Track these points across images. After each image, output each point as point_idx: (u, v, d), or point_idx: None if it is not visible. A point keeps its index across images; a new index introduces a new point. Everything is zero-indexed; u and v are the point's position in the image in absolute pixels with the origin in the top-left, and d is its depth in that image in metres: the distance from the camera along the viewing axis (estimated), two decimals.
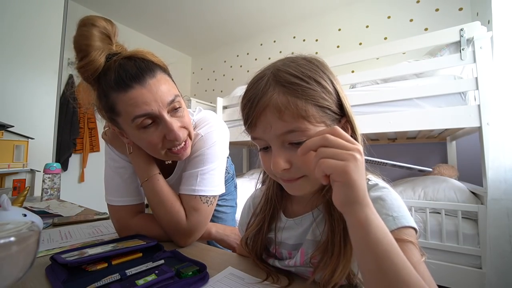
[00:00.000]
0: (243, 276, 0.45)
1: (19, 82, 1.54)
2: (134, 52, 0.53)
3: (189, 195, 0.60)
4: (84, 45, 0.49)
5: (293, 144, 0.34)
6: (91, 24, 0.50)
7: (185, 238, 0.59)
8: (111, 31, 0.53)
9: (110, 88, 0.50)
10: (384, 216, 0.33)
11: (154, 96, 0.50)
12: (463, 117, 1.16)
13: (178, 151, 0.57)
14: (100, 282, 0.39)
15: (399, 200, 0.36)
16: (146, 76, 0.50)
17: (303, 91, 0.34)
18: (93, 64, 0.49)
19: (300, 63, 0.36)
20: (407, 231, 0.33)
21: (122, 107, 0.51)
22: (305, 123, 0.33)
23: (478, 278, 1.10)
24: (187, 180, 0.61)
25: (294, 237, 0.43)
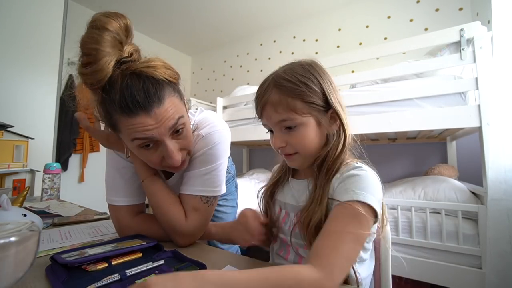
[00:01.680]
0: None
1: (19, 82, 1.54)
2: (144, 68, 0.48)
3: (189, 195, 0.60)
4: (92, 49, 0.45)
5: (288, 128, 0.48)
6: (104, 27, 0.46)
7: (185, 238, 0.59)
8: (123, 33, 0.49)
9: (113, 109, 0.48)
10: (350, 189, 0.41)
11: (158, 124, 0.49)
12: (463, 117, 1.16)
13: (175, 168, 0.58)
14: (100, 282, 0.39)
15: (373, 184, 0.42)
16: (153, 104, 0.47)
17: (292, 91, 0.46)
18: (99, 73, 0.45)
19: (296, 70, 0.48)
20: (363, 207, 0.39)
21: (123, 127, 0.49)
22: (293, 114, 0.46)
23: (478, 278, 1.10)
24: (188, 180, 0.61)
25: (293, 197, 0.54)
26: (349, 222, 0.38)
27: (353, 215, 0.38)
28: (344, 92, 1.62)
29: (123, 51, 0.49)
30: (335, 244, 0.36)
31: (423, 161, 2.07)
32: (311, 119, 0.47)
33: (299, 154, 0.49)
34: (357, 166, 0.45)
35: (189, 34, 3.19)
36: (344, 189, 0.42)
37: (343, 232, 0.37)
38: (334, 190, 0.44)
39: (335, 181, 0.45)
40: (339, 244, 0.36)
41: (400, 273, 1.26)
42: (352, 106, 1.44)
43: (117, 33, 0.48)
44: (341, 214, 0.40)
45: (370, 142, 2.25)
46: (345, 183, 0.43)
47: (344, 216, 0.39)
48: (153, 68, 0.49)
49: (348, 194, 0.40)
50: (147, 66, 0.49)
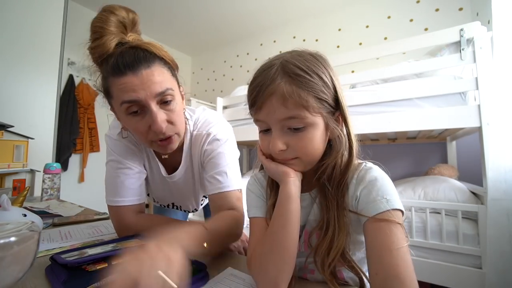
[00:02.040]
0: (243, 277, 0.45)
1: (19, 82, 1.54)
2: (141, 43, 0.54)
3: (229, 192, 0.62)
4: (98, 27, 0.52)
5: (291, 129, 0.39)
6: (111, 11, 0.53)
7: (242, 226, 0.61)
8: (129, 21, 0.55)
9: (107, 72, 0.52)
10: (379, 198, 0.37)
11: (143, 85, 0.51)
12: (463, 117, 1.16)
13: (162, 143, 0.57)
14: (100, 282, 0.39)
15: (392, 185, 0.40)
16: (141, 66, 0.51)
17: (306, 83, 0.38)
18: (102, 47, 0.52)
19: (306, 58, 0.40)
20: (397, 213, 0.36)
21: (114, 90, 0.52)
22: (304, 111, 0.38)
23: (478, 278, 1.10)
24: (218, 180, 0.62)
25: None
26: (399, 233, 0.35)
27: (397, 226, 0.35)
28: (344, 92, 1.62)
29: (127, 35, 0.55)
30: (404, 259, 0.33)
31: (423, 161, 2.07)
32: (320, 119, 0.40)
33: (299, 160, 0.41)
34: (371, 167, 0.41)
35: (189, 34, 3.19)
36: (372, 197, 0.38)
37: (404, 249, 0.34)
38: (357, 198, 0.40)
39: (352, 187, 0.41)
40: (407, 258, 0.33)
41: None
42: (352, 106, 1.44)
43: (122, 17, 0.54)
44: (387, 227, 0.35)
45: (370, 142, 2.25)
46: (370, 190, 0.38)
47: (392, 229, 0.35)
48: (150, 45, 0.55)
49: (380, 203, 0.36)
50: (144, 42, 0.55)
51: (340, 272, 0.43)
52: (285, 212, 0.39)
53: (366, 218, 0.37)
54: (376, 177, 0.39)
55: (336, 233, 0.39)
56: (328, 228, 0.40)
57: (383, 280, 0.32)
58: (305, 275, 0.46)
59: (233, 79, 3.37)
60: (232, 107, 2.05)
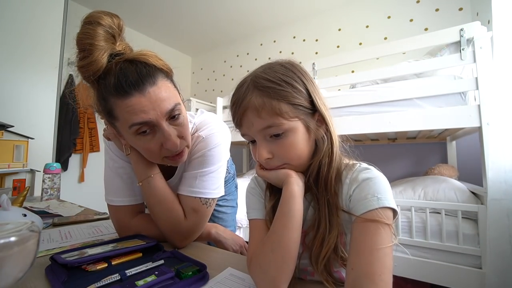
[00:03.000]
0: (243, 277, 0.45)
1: (19, 82, 1.54)
2: (137, 55, 0.51)
3: (188, 196, 0.60)
4: (87, 44, 0.47)
5: (273, 137, 0.41)
6: (97, 22, 0.48)
7: (183, 238, 0.59)
8: (117, 29, 0.51)
9: (109, 93, 0.49)
10: (370, 196, 0.37)
11: (153, 105, 0.49)
12: (463, 117, 1.16)
13: (174, 158, 0.57)
14: (100, 282, 0.39)
15: (386, 184, 0.40)
16: (146, 84, 0.49)
17: (276, 92, 0.40)
18: (94, 64, 0.48)
19: (276, 69, 0.42)
20: (386, 212, 0.37)
21: (120, 113, 0.49)
22: (279, 118, 0.40)
23: (478, 278, 1.10)
24: (187, 181, 0.61)
25: None
26: (384, 233, 0.35)
27: (384, 225, 0.35)
28: (344, 92, 1.62)
29: (116, 45, 0.51)
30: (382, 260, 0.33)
31: (423, 161, 2.07)
32: (299, 123, 0.41)
33: (288, 165, 0.43)
34: (366, 168, 0.42)
35: (189, 34, 3.19)
36: (363, 195, 0.38)
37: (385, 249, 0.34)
38: (350, 197, 0.40)
39: (346, 187, 0.41)
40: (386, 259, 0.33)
41: (400, 273, 1.26)
42: (352, 106, 1.44)
43: (110, 27, 0.50)
44: (374, 226, 0.36)
45: (370, 142, 2.25)
46: (362, 188, 0.39)
47: (378, 229, 0.35)
48: (146, 56, 0.52)
49: (371, 201, 0.37)
50: (139, 54, 0.52)
51: (339, 272, 0.43)
52: (288, 211, 0.40)
53: (356, 216, 0.38)
54: (369, 177, 0.40)
55: (327, 230, 0.40)
56: (320, 226, 0.41)
57: (356, 276, 0.33)
58: (304, 276, 0.46)
59: (233, 79, 3.36)
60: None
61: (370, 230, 0.35)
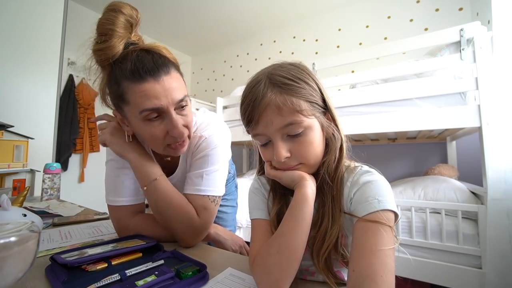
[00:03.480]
0: (243, 277, 0.45)
1: (19, 82, 1.54)
2: (152, 46, 0.55)
3: (197, 195, 0.60)
4: (108, 29, 0.51)
5: (291, 136, 0.41)
6: (119, 10, 0.52)
7: (196, 236, 0.60)
8: (135, 20, 0.55)
9: (124, 77, 0.51)
10: (371, 198, 0.38)
11: (165, 92, 0.51)
12: (463, 117, 1.16)
13: (176, 147, 0.58)
14: (100, 282, 0.39)
15: (387, 187, 0.40)
16: (161, 72, 0.51)
17: (296, 90, 0.40)
18: (111, 49, 0.51)
19: (288, 68, 0.43)
20: (387, 214, 0.37)
21: (132, 97, 0.51)
22: (300, 116, 0.40)
23: (478, 278, 1.10)
24: (193, 180, 0.62)
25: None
26: (385, 235, 0.35)
27: (386, 227, 0.36)
28: (344, 92, 1.62)
29: (132, 35, 0.55)
30: (384, 262, 0.33)
31: (423, 161, 2.07)
32: (315, 121, 0.42)
33: (303, 165, 0.43)
34: (367, 171, 0.42)
35: (189, 34, 3.19)
36: (364, 198, 0.38)
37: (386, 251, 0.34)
38: (351, 200, 0.40)
39: (347, 190, 0.42)
40: (388, 261, 0.34)
41: (400, 273, 1.25)
42: (352, 106, 1.44)
43: (130, 16, 0.54)
44: (375, 228, 0.36)
45: (370, 142, 2.25)
46: (363, 191, 0.39)
47: (379, 230, 0.35)
48: (161, 48, 0.56)
49: (372, 203, 0.37)
50: (154, 45, 0.56)
51: (339, 272, 0.43)
52: (298, 214, 0.40)
53: (357, 218, 0.38)
54: (370, 180, 0.40)
55: (329, 225, 0.41)
56: (323, 221, 0.42)
57: (358, 277, 0.33)
58: (305, 276, 0.46)
59: (233, 79, 3.37)
60: (232, 107, 2.05)
61: (371, 231, 0.36)
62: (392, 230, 0.36)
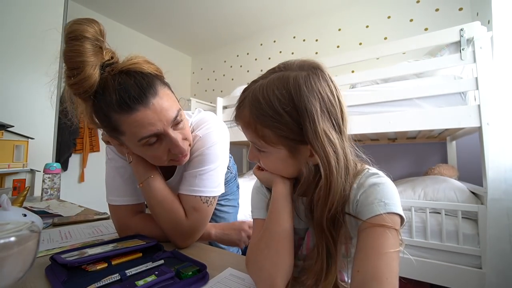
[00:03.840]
0: (243, 277, 0.45)
1: (19, 82, 1.54)
2: (130, 65, 0.50)
3: (189, 195, 0.60)
4: (77, 62, 0.46)
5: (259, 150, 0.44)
6: (83, 36, 0.47)
7: (185, 238, 0.59)
8: (101, 38, 0.50)
9: (112, 110, 0.48)
10: (377, 201, 0.37)
11: (159, 116, 0.50)
12: (463, 117, 1.16)
13: (179, 159, 0.58)
14: (100, 282, 0.39)
15: (394, 190, 0.39)
16: (149, 96, 0.49)
17: (263, 118, 0.40)
18: (87, 80, 0.47)
19: (274, 93, 0.39)
20: (393, 217, 0.37)
21: (126, 128, 0.50)
22: (261, 141, 0.41)
23: (478, 278, 1.10)
24: (186, 180, 0.61)
25: (302, 220, 0.47)
26: (391, 237, 0.35)
27: (392, 230, 0.35)
28: (344, 92, 1.62)
29: (104, 55, 0.50)
30: (389, 264, 0.34)
31: (423, 161, 2.07)
32: (282, 150, 0.41)
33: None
34: (374, 173, 0.41)
35: (189, 34, 3.19)
36: (370, 200, 0.37)
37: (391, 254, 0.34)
38: (357, 202, 0.39)
39: (353, 192, 0.40)
40: (393, 264, 0.34)
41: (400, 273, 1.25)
42: (352, 106, 1.44)
43: (96, 39, 0.49)
44: (380, 231, 0.35)
45: (370, 142, 2.25)
46: (369, 194, 0.38)
47: (385, 232, 0.35)
48: (138, 64, 0.51)
49: (378, 206, 0.37)
50: (131, 63, 0.51)
51: (341, 273, 0.43)
52: (277, 207, 0.43)
53: (361, 221, 0.37)
54: (377, 182, 0.39)
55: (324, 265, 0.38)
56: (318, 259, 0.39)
57: (362, 279, 0.33)
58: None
59: (233, 79, 3.36)
60: (232, 107, 2.05)
61: (376, 234, 0.35)
62: (397, 233, 0.36)
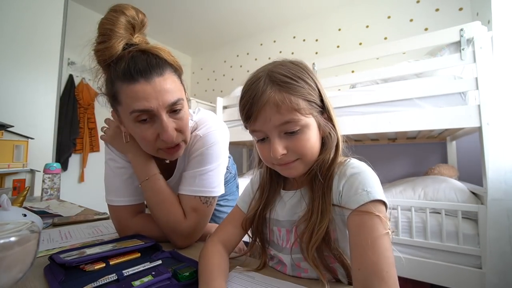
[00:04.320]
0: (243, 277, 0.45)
1: (19, 82, 1.54)
2: (150, 47, 0.54)
3: (188, 196, 0.60)
4: (107, 29, 0.50)
5: (288, 133, 0.42)
6: (121, 11, 0.51)
7: (184, 239, 0.59)
8: (138, 22, 0.54)
9: (117, 77, 0.51)
10: (360, 190, 0.38)
11: (156, 94, 0.50)
12: (463, 117, 1.16)
13: (169, 151, 0.57)
14: (97, 282, 0.39)
15: (374, 177, 0.41)
16: (154, 73, 0.50)
17: (294, 88, 0.41)
18: (109, 50, 0.50)
19: (289, 66, 0.43)
20: (377, 205, 0.37)
21: (123, 97, 0.51)
22: (297, 114, 0.40)
23: (478, 278, 1.10)
24: (186, 181, 0.61)
25: (285, 212, 0.49)
26: (380, 227, 0.35)
27: (378, 218, 0.36)
28: (344, 92, 1.62)
29: (134, 37, 0.54)
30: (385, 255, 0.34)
31: (423, 161, 2.07)
32: (312, 119, 0.42)
33: (300, 161, 0.43)
34: (353, 163, 0.43)
35: (189, 34, 3.19)
36: (353, 190, 0.39)
37: (382, 241, 0.35)
38: (340, 194, 0.41)
39: (336, 182, 0.42)
40: (388, 254, 0.34)
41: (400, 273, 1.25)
42: (352, 106, 1.44)
43: (132, 17, 0.52)
44: (368, 220, 0.36)
45: (370, 142, 2.25)
46: (351, 184, 0.40)
47: (373, 222, 0.36)
48: (159, 50, 0.54)
49: (361, 195, 0.38)
50: (153, 47, 0.54)
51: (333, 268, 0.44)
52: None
53: (349, 211, 0.38)
54: (357, 172, 0.41)
55: (317, 219, 0.41)
56: (312, 216, 0.42)
57: (365, 276, 0.34)
58: (299, 274, 0.46)
59: (233, 79, 3.36)
60: (232, 107, 2.05)
61: (365, 225, 0.36)
62: (381, 220, 0.36)
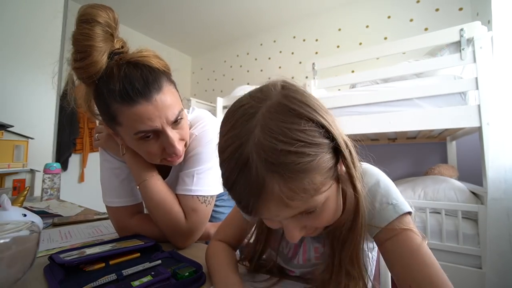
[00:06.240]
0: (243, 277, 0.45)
1: (19, 82, 1.54)
2: (139, 57, 0.50)
3: (186, 195, 0.59)
4: (86, 45, 0.45)
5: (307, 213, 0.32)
6: (94, 20, 0.46)
7: (185, 239, 0.59)
8: (113, 25, 0.49)
9: (113, 99, 0.47)
10: (384, 205, 0.35)
11: (159, 112, 0.49)
12: (463, 117, 1.16)
13: (173, 158, 0.57)
14: (96, 282, 0.39)
15: (392, 184, 0.37)
16: (152, 90, 0.48)
17: (303, 165, 0.27)
18: (94, 66, 0.46)
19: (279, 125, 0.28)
20: (406, 217, 0.34)
21: (124, 119, 0.49)
22: (314, 198, 0.29)
23: (478, 278, 1.10)
24: (183, 180, 0.61)
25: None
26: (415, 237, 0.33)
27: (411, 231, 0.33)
28: (344, 92, 1.62)
29: (114, 43, 0.50)
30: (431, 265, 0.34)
31: (423, 161, 2.07)
32: (333, 184, 0.31)
33: (320, 229, 0.36)
34: (364, 171, 0.38)
35: (189, 34, 3.19)
36: (377, 205, 0.35)
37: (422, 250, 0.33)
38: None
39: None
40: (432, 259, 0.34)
41: None
42: (352, 106, 1.44)
43: (107, 25, 0.48)
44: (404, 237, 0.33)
45: (370, 142, 2.25)
46: (372, 196, 0.35)
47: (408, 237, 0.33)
48: (147, 58, 0.50)
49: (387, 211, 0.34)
50: (141, 55, 0.50)
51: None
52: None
53: (376, 229, 0.35)
54: (375, 182, 0.37)
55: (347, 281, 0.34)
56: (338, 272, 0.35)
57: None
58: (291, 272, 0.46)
59: (233, 79, 3.36)
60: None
61: (403, 242, 0.33)
62: (415, 230, 0.34)
